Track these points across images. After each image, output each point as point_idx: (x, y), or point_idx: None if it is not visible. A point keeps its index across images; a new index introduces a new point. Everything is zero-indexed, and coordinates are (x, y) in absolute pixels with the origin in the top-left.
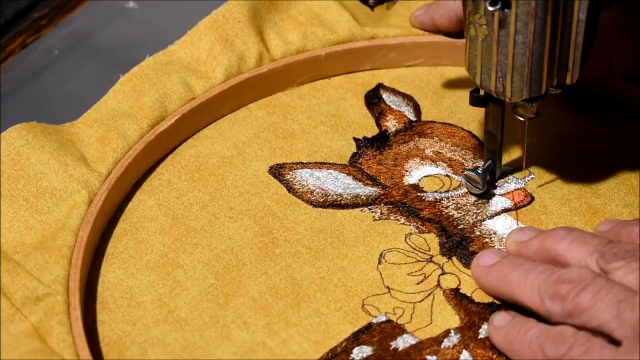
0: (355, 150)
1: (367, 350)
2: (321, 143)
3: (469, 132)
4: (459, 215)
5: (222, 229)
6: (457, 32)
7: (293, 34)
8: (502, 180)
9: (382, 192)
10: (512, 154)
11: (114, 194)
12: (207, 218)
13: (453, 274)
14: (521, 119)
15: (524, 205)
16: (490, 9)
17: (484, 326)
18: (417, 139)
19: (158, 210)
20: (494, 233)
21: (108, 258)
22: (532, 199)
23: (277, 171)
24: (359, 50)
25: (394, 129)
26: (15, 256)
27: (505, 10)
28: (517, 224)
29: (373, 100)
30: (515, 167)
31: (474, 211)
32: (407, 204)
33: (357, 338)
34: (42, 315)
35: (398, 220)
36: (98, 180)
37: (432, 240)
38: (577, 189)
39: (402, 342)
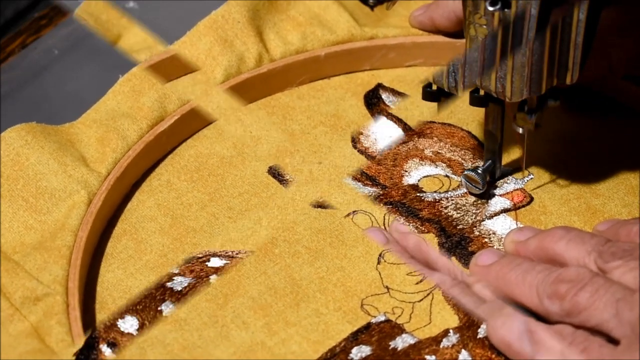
0: None
1: (366, 350)
2: (320, 143)
3: (469, 132)
4: (458, 215)
5: (221, 229)
6: (456, 32)
7: (292, 34)
8: (501, 180)
9: (381, 192)
10: (512, 154)
11: (114, 194)
12: (207, 218)
13: None
14: (520, 130)
15: (523, 206)
16: (490, 9)
17: (483, 326)
18: (416, 139)
19: (157, 211)
20: (493, 233)
21: (107, 258)
22: (532, 199)
23: (277, 171)
24: (359, 50)
25: None
26: (14, 256)
27: (505, 10)
28: (517, 224)
29: (372, 100)
30: (515, 168)
31: (473, 211)
32: (407, 204)
33: (356, 338)
34: (41, 315)
35: (397, 220)
36: (97, 180)
37: (432, 240)
38: (577, 189)
39: (401, 342)
